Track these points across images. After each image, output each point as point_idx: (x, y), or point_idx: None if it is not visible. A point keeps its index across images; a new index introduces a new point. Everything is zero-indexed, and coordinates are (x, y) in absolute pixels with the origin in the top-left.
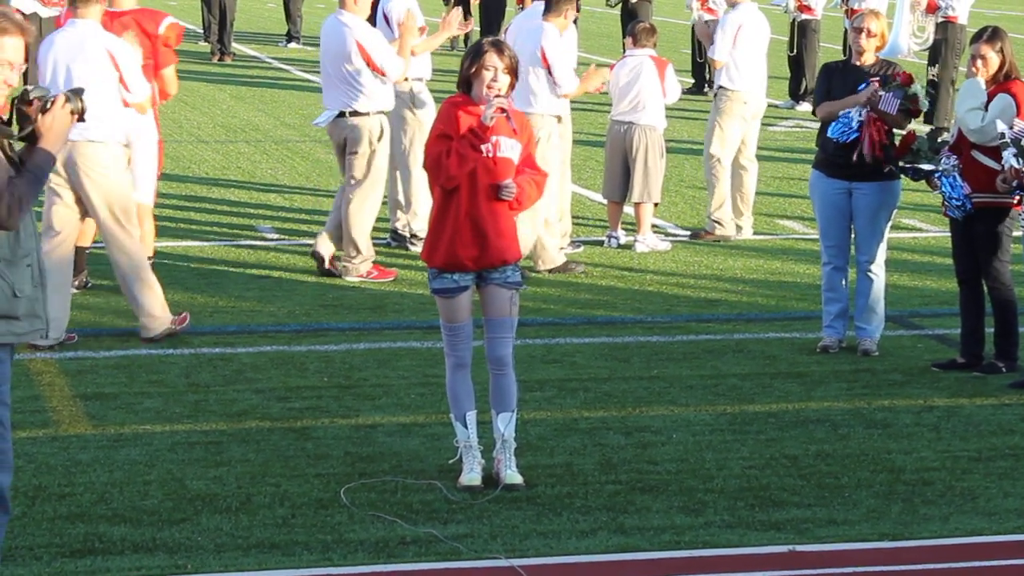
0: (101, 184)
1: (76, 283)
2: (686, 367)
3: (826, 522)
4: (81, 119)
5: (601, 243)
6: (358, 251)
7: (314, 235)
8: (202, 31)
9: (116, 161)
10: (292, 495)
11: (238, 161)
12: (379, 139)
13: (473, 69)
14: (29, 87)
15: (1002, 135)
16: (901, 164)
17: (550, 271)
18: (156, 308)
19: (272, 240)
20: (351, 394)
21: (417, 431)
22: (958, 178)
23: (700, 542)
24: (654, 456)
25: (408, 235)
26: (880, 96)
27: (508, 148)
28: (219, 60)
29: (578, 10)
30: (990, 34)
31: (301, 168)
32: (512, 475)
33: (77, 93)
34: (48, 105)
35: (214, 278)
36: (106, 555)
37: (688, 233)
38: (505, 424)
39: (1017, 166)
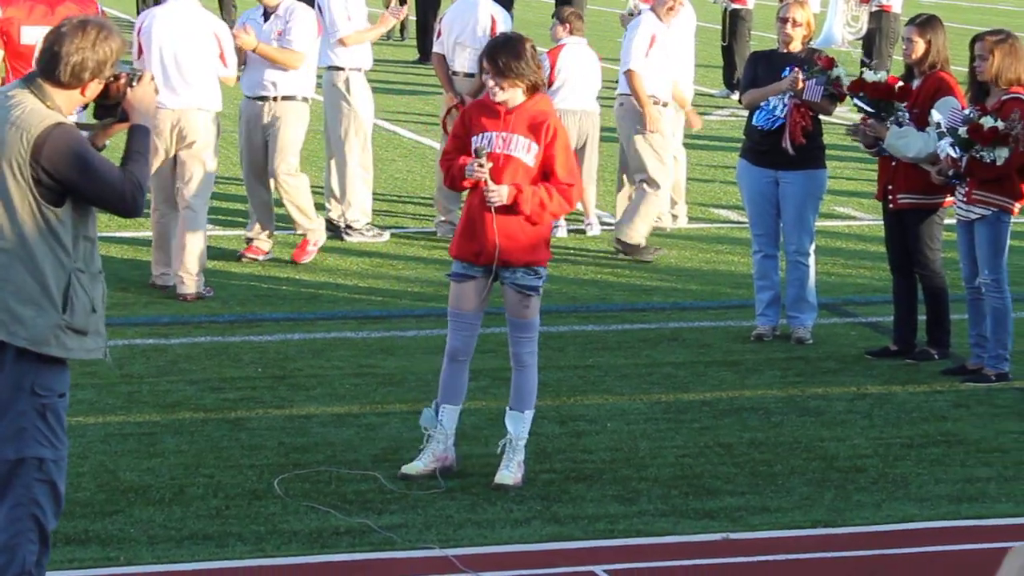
0: (202, 149)
1: None
2: (620, 356)
3: (759, 510)
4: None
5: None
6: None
7: (245, 225)
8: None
9: (214, 128)
10: (226, 486)
11: None
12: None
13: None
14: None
15: (938, 124)
16: (856, 102)
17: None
18: (196, 268)
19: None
20: (285, 385)
21: (351, 421)
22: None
23: (634, 531)
24: (588, 445)
25: (343, 225)
26: (804, 85)
27: (519, 148)
28: None
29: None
30: (922, 21)
31: (235, 157)
32: (506, 475)
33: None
34: (134, 82)
35: (147, 269)
36: None
37: None
38: (513, 423)
39: (954, 155)
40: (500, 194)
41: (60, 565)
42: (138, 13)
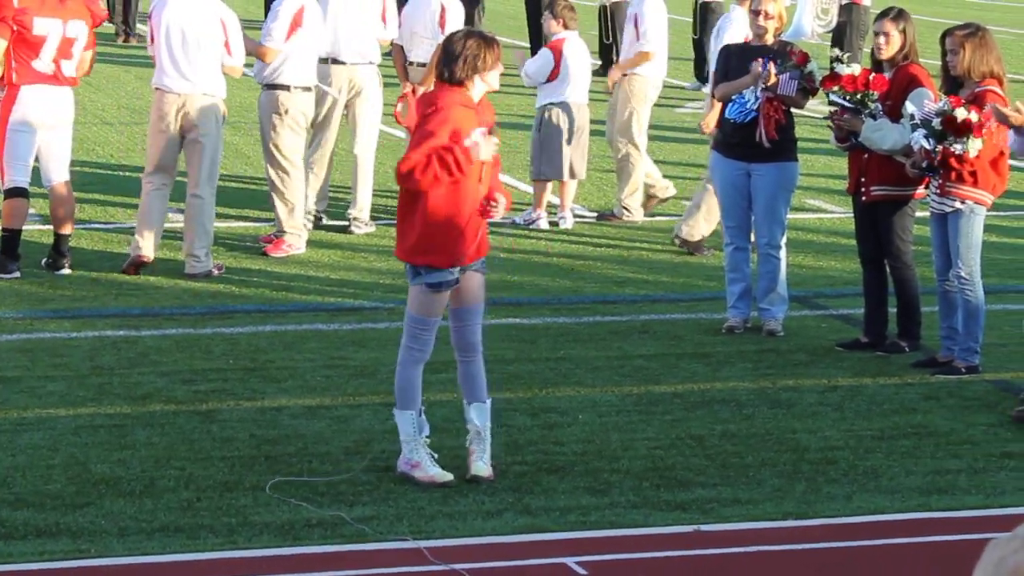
0: (206, 136)
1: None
2: (592, 348)
3: (731, 501)
4: None
5: (512, 223)
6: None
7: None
8: (107, 11)
9: (219, 115)
10: (197, 478)
11: (143, 143)
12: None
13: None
14: None
15: (912, 116)
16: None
17: None
18: (204, 251)
19: (177, 222)
20: (257, 376)
21: (323, 413)
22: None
23: (606, 522)
24: (560, 437)
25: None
26: (778, 80)
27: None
28: (124, 41)
29: None
30: (895, 14)
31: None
32: (482, 467)
33: None
34: None
35: (118, 260)
36: (8, 540)
37: (595, 215)
38: (480, 415)
39: (927, 147)
40: (496, 208)
41: (30, 557)
42: (108, 6)
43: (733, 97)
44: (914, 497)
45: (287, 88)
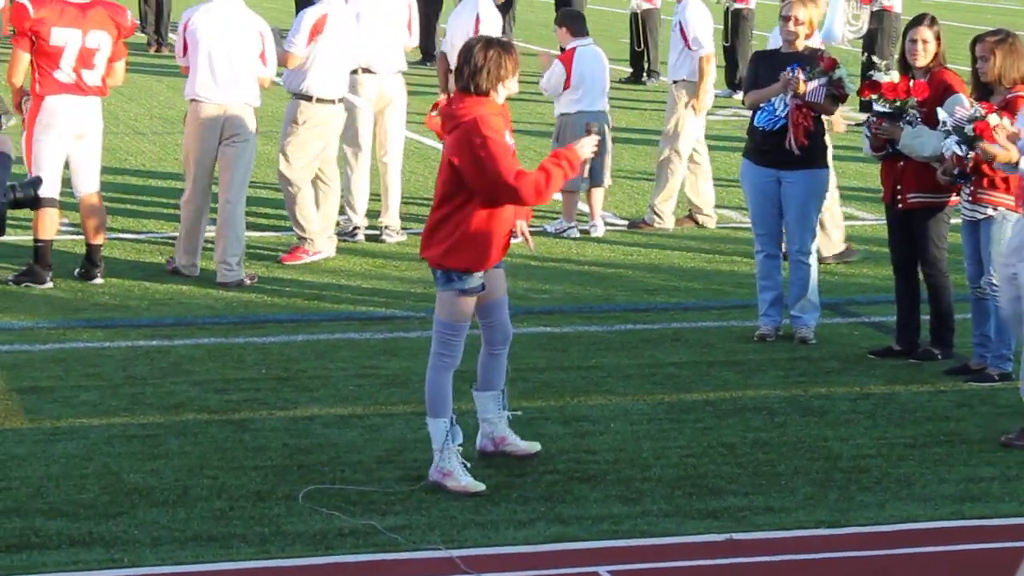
0: (243, 143)
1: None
2: (624, 356)
3: (763, 510)
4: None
5: (544, 232)
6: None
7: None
8: (139, 21)
9: (255, 123)
10: (230, 487)
11: (175, 152)
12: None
13: None
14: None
15: (944, 123)
16: (876, 110)
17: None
18: (236, 259)
19: (209, 232)
20: (289, 386)
21: (355, 423)
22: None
23: (638, 531)
24: (592, 445)
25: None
26: (805, 87)
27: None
28: (156, 51)
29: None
30: (930, 20)
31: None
32: (528, 443)
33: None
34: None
35: (151, 270)
36: (42, 549)
37: (626, 223)
38: (498, 402)
39: (960, 153)
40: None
41: (64, 567)
42: (140, 16)
43: (762, 105)
44: (947, 505)
45: (309, 99)
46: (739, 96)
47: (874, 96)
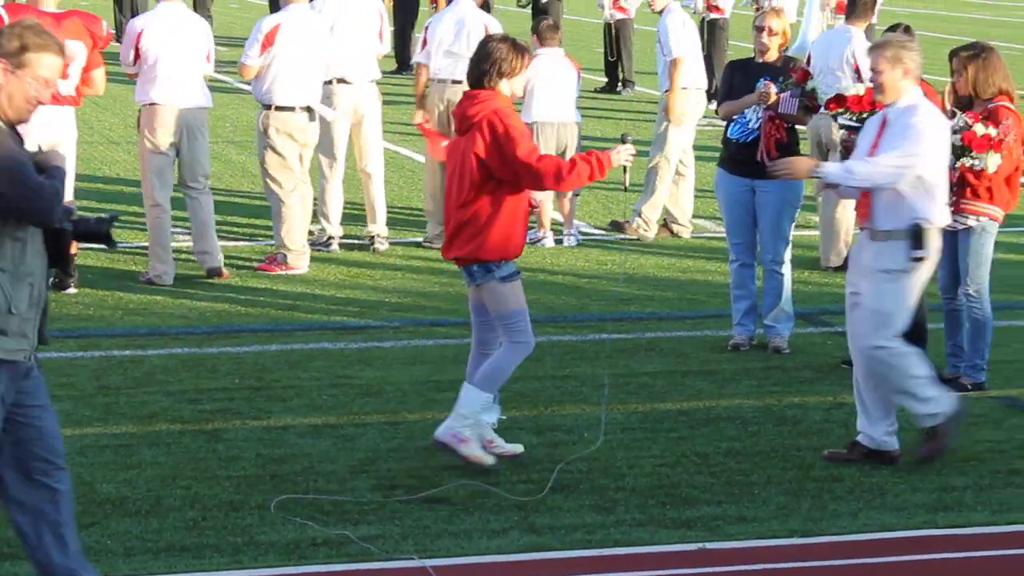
0: (204, 141)
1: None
2: (598, 366)
3: (736, 519)
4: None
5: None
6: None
7: (224, 236)
8: (114, 31)
9: (207, 123)
10: (202, 497)
11: None
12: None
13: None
14: None
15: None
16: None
17: None
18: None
19: (184, 241)
20: (262, 396)
21: (328, 432)
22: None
23: (611, 540)
24: (566, 455)
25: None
26: (778, 98)
27: None
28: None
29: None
30: (905, 29)
31: (213, 169)
32: (516, 444)
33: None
34: None
35: (125, 280)
36: (14, 560)
37: (601, 232)
38: (478, 400)
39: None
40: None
41: None
42: (115, 27)
43: (735, 116)
44: (920, 514)
45: (270, 107)
46: (713, 106)
47: (839, 109)
